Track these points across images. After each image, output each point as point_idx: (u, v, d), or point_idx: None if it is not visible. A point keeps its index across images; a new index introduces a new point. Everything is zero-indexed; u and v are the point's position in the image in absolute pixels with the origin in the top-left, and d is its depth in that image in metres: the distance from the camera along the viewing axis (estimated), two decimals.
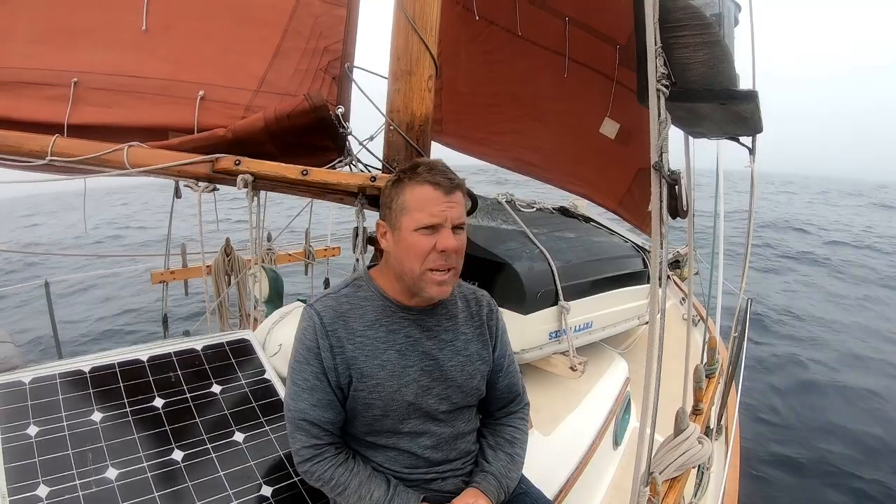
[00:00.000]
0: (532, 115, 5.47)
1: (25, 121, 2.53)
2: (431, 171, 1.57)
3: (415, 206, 1.56)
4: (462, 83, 5.35)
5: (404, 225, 1.58)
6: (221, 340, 2.40)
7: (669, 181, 1.30)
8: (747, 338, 3.87)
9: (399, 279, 1.65)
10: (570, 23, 4.86)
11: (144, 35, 2.65)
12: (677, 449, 2.01)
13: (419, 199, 1.56)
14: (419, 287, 1.60)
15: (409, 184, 1.58)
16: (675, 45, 1.48)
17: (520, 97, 5.43)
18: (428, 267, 1.57)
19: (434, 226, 1.55)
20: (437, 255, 1.56)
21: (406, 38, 2.44)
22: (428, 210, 1.55)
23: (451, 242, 1.55)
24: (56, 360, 2.11)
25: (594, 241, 3.93)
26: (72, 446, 1.77)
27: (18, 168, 2.50)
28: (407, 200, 1.58)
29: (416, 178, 1.58)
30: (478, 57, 5.24)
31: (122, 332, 6.69)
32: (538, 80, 5.24)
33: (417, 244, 1.56)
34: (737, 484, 3.56)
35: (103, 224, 9.93)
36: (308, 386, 1.61)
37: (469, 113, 5.62)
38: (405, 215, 1.58)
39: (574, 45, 4.94)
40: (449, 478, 1.73)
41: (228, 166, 2.37)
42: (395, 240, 1.62)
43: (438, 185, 1.56)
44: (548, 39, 5.03)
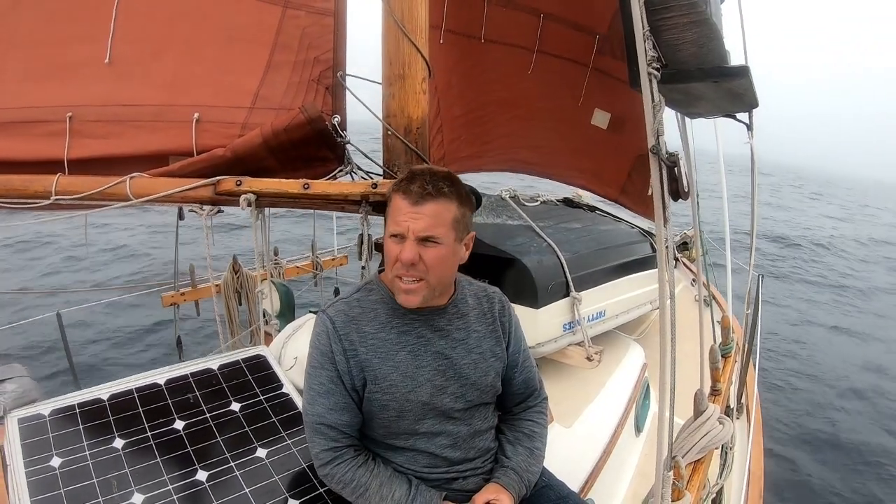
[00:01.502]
0: (523, 116, 5.46)
1: (24, 161, 2.55)
2: (411, 181, 1.56)
3: (389, 213, 1.60)
4: (457, 108, 5.33)
5: (386, 231, 1.62)
6: (237, 358, 2.40)
7: (668, 164, 1.29)
8: (760, 314, 3.86)
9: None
10: (546, 18, 4.85)
11: (135, 64, 2.67)
12: (698, 431, 2.00)
13: (393, 208, 1.59)
14: (394, 291, 1.63)
15: (393, 192, 1.60)
16: (663, 27, 1.48)
17: (507, 100, 5.41)
18: (395, 274, 1.58)
19: (399, 234, 1.55)
20: (400, 264, 1.55)
21: (396, 41, 2.44)
22: (394, 218, 1.57)
23: (406, 254, 1.53)
24: (74, 391, 2.12)
25: (601, 230, 3.92)
26: (96, 475, 1.77)
27: (24, 210, 2.52)
28: (389, 207, 1.61)
29: (398, 186, 1.58)
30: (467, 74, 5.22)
31: (138, 357, 6.72)
32: (522, 81, 5.22)
33: (389, 250, 1.57)
34: (762, 462, 3.55)
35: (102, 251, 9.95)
36: (324, 390, 1.62)
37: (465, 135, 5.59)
38: (387, 221, 1.62)
39: (553, 40, 4.93)
40: (470, 476, 1.73)
41: (230, 188, 2.39)
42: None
43: (407, 194, 1.55)
44: (526, 39, 5.01)
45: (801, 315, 11.86)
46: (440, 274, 1.60)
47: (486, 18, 4.92)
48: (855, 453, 6.68)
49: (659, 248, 1.39)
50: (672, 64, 1.57)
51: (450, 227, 1.57)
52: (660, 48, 1.47)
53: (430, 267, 1.56)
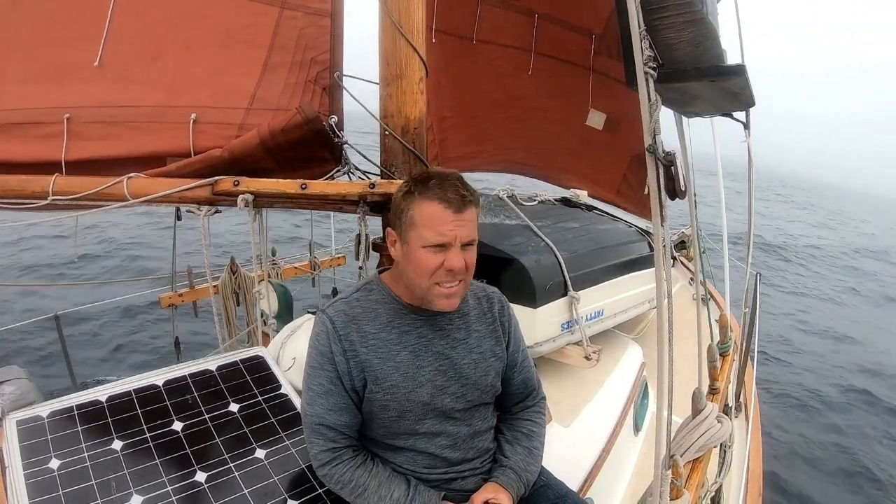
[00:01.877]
0: (517, 117, 5.46)
1: (22, 162, 2.55)
2: (442, 186, 1.52)
3: (422, 222, 1.53)
4: (446, 109, 5.32)
5: (412, 240, 1.55)
6: (235, 359, 2.40)
7: (665, 163, 1.30)
8: (759, 313, 3.87)
9: (408, 287, 1.65)
10: (541, 18, 4.85)
11: (132, 66, 2.67)
12: (696, 430, 2.00)
13: (427, 217, 1.52)
14: (427, 299, 1.60)
15: (419, 198, 1.54)
16: (659, 26, 1.48)
17: (501, 101, 5.41)
18: (436, 282, 1.56)
19: (442, 244, 1.52)
20: (444, 272, 1.54)
21: (393, 42, 2.45)
22: (435, 228, 1.51)
23: (458, 263, 1.52)
24: (72, 392, 2.12)
25: (599, 229, 3.93)
26: (95, 477, 1.77)
27: (21, 210, 2.52)
28: (415, 216, 1.54)
29: (426, 192, 1.53)
30: (458, 74, 5.22)
31: (136, 358, 6.71)
32: (517, 82, 5.23)
33: (424, 261, 1.53)
34: (760, 460, 3.56)
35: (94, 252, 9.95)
36: (323, 391, 1.62)
37: (457, 134, 5.59)
38: (413, 230, 1.55)
39: (548, 40, 4.94)
40: (469, 477, 1.73)
41: (228, 188, 2.38)
42: (404, 252, 1.60)
43: (449, 202, 1.51)
44: (520, 39, 5.02)
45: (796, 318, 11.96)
46: (472, 273, 1.62)
47: (479, 19, 4.92)
48: (853, 452, 6.70)
49: (656, 247, 1.39)
50: (668, 63, 1.57)
51: (477, 228, 1.60)
52: (656, 47, 1.47)
53: (470, 269, 1.59)
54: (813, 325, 11.64)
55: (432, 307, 1.62)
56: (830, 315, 12.96)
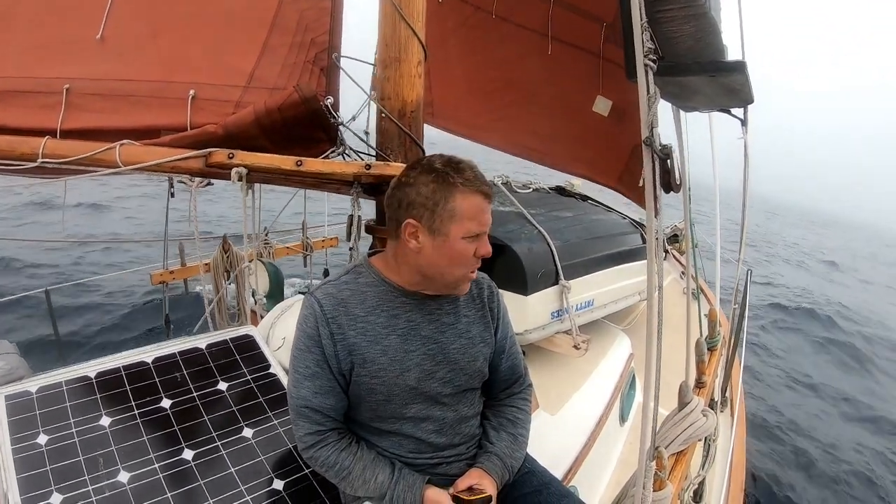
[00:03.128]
0: (526, 99, 5.45)
1: (18, 128, 2.53)
2: (478, 177, 1.58)
3: (469, 214, 1.55)
4: (452, 69, 5.32)
5: (452, 232, 1.55)
6: (225, 337, 2.40)
7: (661, 156, 1.30)
8: (748, 309, 3.89)
9: (423, 276, 1.64)
10: (556, 3, 4.83)
11: (134, 40, 2.66)
12: (682, 423, 2.02)
13: (472, 209, 1.55)
14: (453, 286, 1.66)
15: (462, 190, 1.54)
16: (662, 19, 1.47)
17: (513, 82, 5.41)
18: (468, 270, 1.62)
19: (479, 234, 1.59)
20: (475, 260, 1.61)
21: (393, 24, 2.43)
22: (479, 219, 1.57)
23: (489, 248, 1.62)
24: (61, 368, 2.12)
25: (592, 219, 3.94)
26: (82, 452, 1.78)
27: (10, 172, 2.50)
28: (459, 207, 1.54)
29: (468, 185, 1.54)
30: (469, 43, 5.22)
31: (125, 335, 6.70)
32: (529, 64, 5.22)
33: (465, 251, 1.57)
34: (744, 454, 3.59)
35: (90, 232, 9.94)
36: (310, 373, 1.62)
37: (466, 100, 5.59)
38: (455, 222, 1.54)
39: (561, 25, 4.92)
40: (454, 462, 1.74)
41: (222, 160, 2.37)
42: (437, 244, 1.57)
43: (486, 194, 1.59)
44: (535, 22, 5.01)
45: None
46: None
47: None
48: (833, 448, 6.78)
49: (649, 239, 1.40)
50: (669, 56, 1.57)
51: None
52: (657, 40, 1.47)
53: None
54: None
55: (455, 292, 1.69)
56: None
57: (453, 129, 5.92)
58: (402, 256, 1.65)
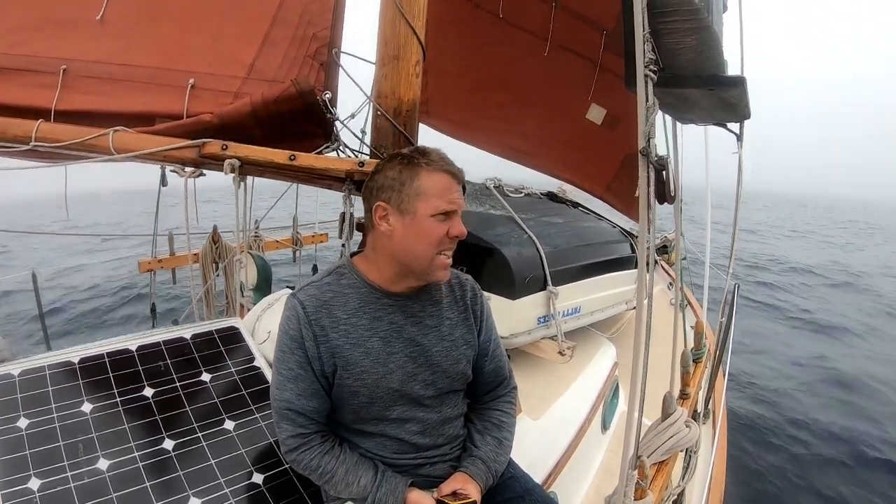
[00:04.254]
0: (519, 101, 5.46)
1: (11, 105, 2.52)
2: (444, 160, 1.61)
3: (434, 192, 1.57)
4: (448, 64, 5.32)
5: (420, 210, 1.57)
6: (210, 329, 2.39)
7: (657, 166, 1.30)
8: (734, 322, 3.90)
9: (399, 263, 1.64)
10: (557, 7, 4.84)
11: (134, 25, 2.66)
12: (665, 433, 2.03)
13: (440, 186, 1.58)
14: (427, 271, 1.62)
15: (427, 169, 1.58)
16: (664, 30, 1.48)
17: (507, 82, 5.41)
18: (439, 251, 1.60)
19: (449, 212, 1.58)
20: (448, 240, 1.59)
21: (393, 23, 2.42)
22: (446, 197, 1.57)
23: (462, 228, 1.60)
24: (45, 352, 2.10)
25: (582, 227, 3.94)
26: (63, 438, 1.76)
27: (1, 154, 2.48)
28: (424, 185, 1.57)
29: (433, 164, 1.59)
30: (465, 40, 5.22)
31: (110, 322, 6.66)
32: (525, 66, 5.23)
33: (434, 229, 1.57)
34: (724, 467, 3.60)
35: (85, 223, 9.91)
36: (292, 375, 1.61)
37: (456, 95, 5.59)
38: (421, 200, 1.57)
39: (560, 29, 4.92)
40: (437, 462, 1.74)
41: (215, 151, 2.36)
42: (405, 223, 1.59)
43: (454, 174, 1.60)
44: (534, 24, 5.01)
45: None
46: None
47: None
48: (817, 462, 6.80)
49: (640, 249, 1.40)
50: (669, 68, 1.58)
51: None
52: (658, 51, 1.47)
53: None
54: None
55: (430, 277, 1.65)
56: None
57: (445, 128, 5.92)
58: (379, 246, 1.67)
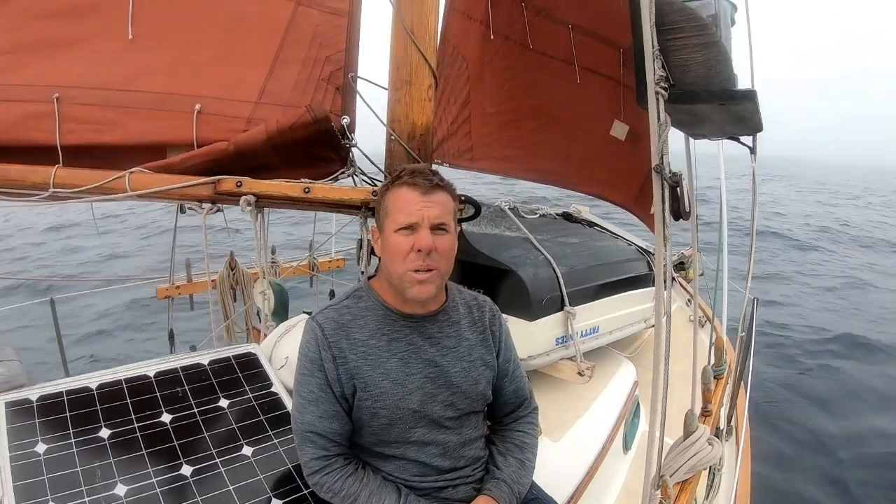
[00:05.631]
0: (548, 125, 5.48)
1: (15, 145, 2.47)
2: (412, 174, 1.61)
3: (394, 207, 1.60)
4: (488, 104, 5.36)
5: (387, 227, 1.61)
6: (228, 354, 2.39)
7: (671, 183, 1.30)
8: (754, 338, 3.86)
9: (389, 282, 1.66)
10: (574, 30, 4.88)
11: (131, 46, 2.59)
12: (687, 451, 2.00)
13: (399, 201, 1.59)
14: (403, 287, 1.61)
15: (392, 188, 1.63)
16: (673, 47, 1.49)
17: (536, 108, 5.44)
18: (409, 267, 1.57)
19: (411, 225, 1.56)
20: (415, 254, 1.56)
21: (405, 48, 2.45)
22: (405, 210, 1.57)
23: (425, 241, 1.54)
24: (63, 378, 2.11)
25: (598, 246, 3.92)
26: (80, 463, 1.76)
27: (22, 201, 2.49)
28: (389, 204, 1.62)
29: (397, 181, 1.62)
30: (499, 75, 5.26)
31: (129, 348, 6.69)
32: (551, 90, 5.26)
33: (398, 245, 1.57)
34: (748, 485, 3.54)
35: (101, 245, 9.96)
36: (313, 398, 1.62)
37: (496, 133, 5.62)
38: (387, 218, 1.61)
39: (580, 51, 4.95)
40: (459, 485, 1.73)
41: (230, 188, 2.38)
42: (382, 242, 1.65)
43: (415, 185, 1.58)
44: (556, 48, 5.05)
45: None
46: (449, 263, 1.64)
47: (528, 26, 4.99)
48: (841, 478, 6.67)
49: (658, 267, 1.39)
50: (679, 84, 1.58)
51: (453, 217, 1.64)
52: (668, 68, 1.48)
53: (442, 254, 1.59)
54: None
55: (406, 294, 1.61)
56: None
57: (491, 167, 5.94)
58: (381, 272, 1.72)
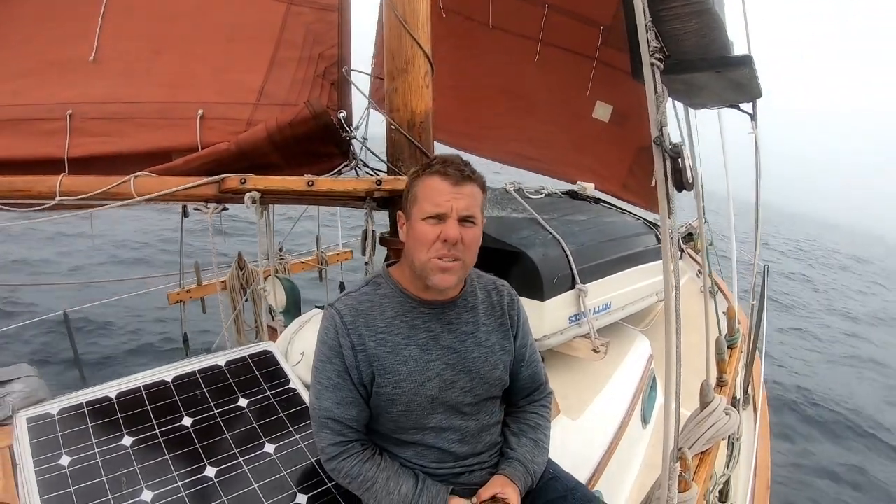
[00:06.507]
0: (523, 108, 5.44)
1: (24, 159, 2.54)
2: (444, 164, 1.60)
3: (423, 196, 1.59)
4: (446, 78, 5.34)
5: (414, 214, 1.61)
6: (244, 354, 2.41)
7: (672, 154, 1.29)
8: (766, 305, 3.85)
9: (411, 269, 1.66)
10: (551, 9, 4.84)
11: (136, 62, 2.66)
12: (705, 422, 2.00)
13: (428, 190, 1.59)
14: (425, 274, 1.61)
15: (423, 176, 1.62)
16: (665, 16, 1.47)
17: (508, 90, 5.40)
18: (433, 255, 1.57)
19: (439, 215, 1.56)
20: (441, 244, 1.56)
21: (399, 36, 2.44)
22: (434, 200, 1.57)
23: (452, 232, 1.55)
24: (82, 389, 2.13)
25: (606, 222, 3.92)
26: (105, 473, 1.78)
27: (29, 211, 2.51)
28: (418, 191, 1.61)
29: (428, 170, 1.61)
30: (458, 52, 5.21)
31: (144, 355, 6.73)
32: (525, 72, 5.22)
33: (424, 233, 1.57)
34: (769, 452, 3.55)
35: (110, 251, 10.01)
36: (331, 384, 1.62)
37: (456, 107, 5.56)
38: (415, 205, 1.61)
39: (556, 31, 4.92)
40: (476, 471, 1.73)
41: (235, 185, 2.38)
42: (408, 228, 1.65)
43: (447, 175, 1.58)
44: (530, 29, 5.01)
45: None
46: (474, 255, 1.65)
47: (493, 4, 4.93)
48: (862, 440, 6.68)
49: (664, 239, 1.39)
50: (674, 54, 1.57)
51: (480, 210, 1.64)
52: (662, 39, 1.47)
53: (468, 246, 1.60)
54: None
55: (429, 281, 1.62)
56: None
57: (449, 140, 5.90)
58: (402, 260, 1.73)
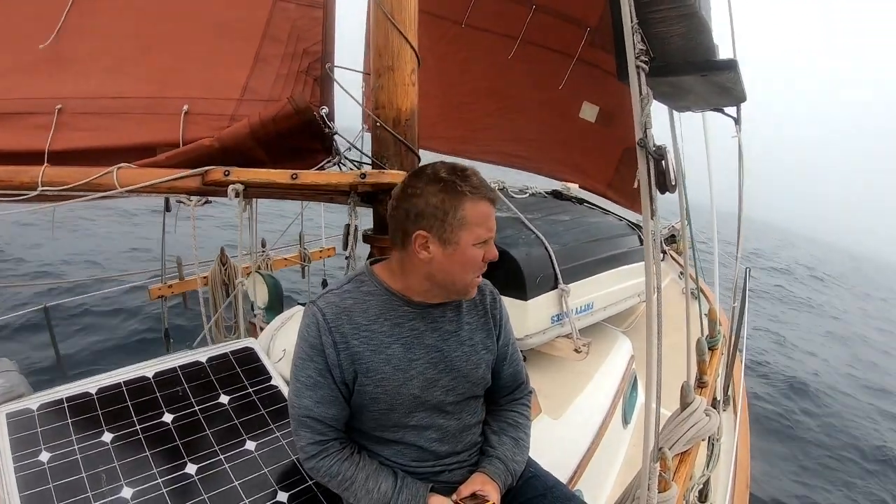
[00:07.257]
0: (511, 107, 5.46)
1: (12, 152, 2.53)
2: (484, 186, 1.59)
3: (477, 221, 1.56)
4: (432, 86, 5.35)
5: (463, 240, 1.56)
6: (225, 350, 2.40)
7: (655, 157, 1.30)
8: (747, 307, 3.89)
9: (434, 284, 1.64)
10: (537, 10, 4.85)
11: (126, 58, 2.67)
12: (685, 423, 2.02)
13: (481, 215, 1.57)
14: (463, 293, 1.67)
15: (471, 198, 1.56)
16: (652, 19, 1.48)
17: (496, 91, 5.41)
18: (475, 275, 1.63)
19: (488, 240, 1.60)
20: (483, 264, 1.62)
21: (386, 33, 2.44)
22: (486, 225, 1.58)
23: (496, 252, 1.64)
24: (62, 385, 2.11)
25: (589, 222, 3.93)
26: (85, 469, 1.77)
27: (11, 201, 2.50)
28: (468, 216, 1.55)
29: (476, 192, 1.56)
30: (447, 58, 5.21)
31: (125, 350, 6.67)
32: (512, 72, 5.24)
33: (475, 257, 1.59)
34: (748, 453, 3.58)
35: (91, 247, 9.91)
36: (311, 383, 1.61)
37: (444, 114, 5.56)
38: (465, 230, 1.56)
39: (543, 32, 4.94)
40: (455, 469, 1.74)
41: (218, 177, 2.37)
42: (448, 252, 1.58)
43: (493, 201, 1.61)
44: (516, 29, 5.02)
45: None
46: None
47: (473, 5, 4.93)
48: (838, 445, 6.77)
49: (646, 240, 1.40)
50: (660, 57, 1.58)
51: None
52: (648, 41, 1.47)
53: None
54: None
55: (465, 297, 1.70)
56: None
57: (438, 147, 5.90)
58: (410, 266, 1.64)
